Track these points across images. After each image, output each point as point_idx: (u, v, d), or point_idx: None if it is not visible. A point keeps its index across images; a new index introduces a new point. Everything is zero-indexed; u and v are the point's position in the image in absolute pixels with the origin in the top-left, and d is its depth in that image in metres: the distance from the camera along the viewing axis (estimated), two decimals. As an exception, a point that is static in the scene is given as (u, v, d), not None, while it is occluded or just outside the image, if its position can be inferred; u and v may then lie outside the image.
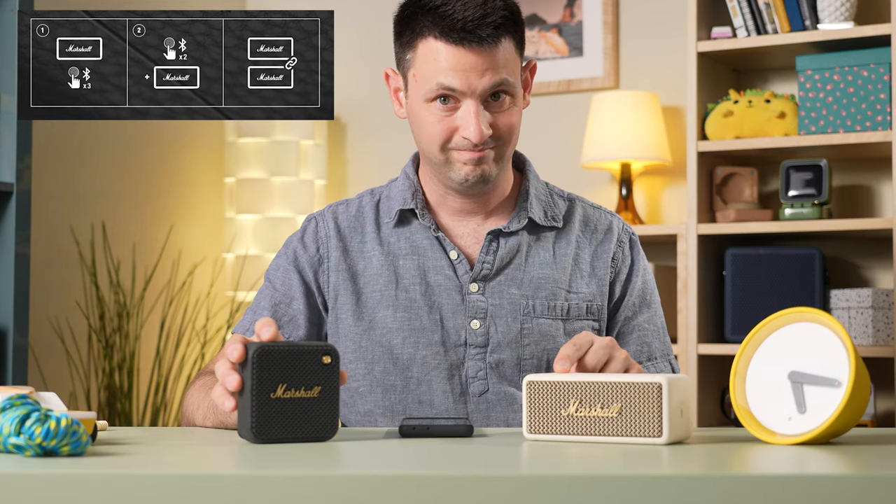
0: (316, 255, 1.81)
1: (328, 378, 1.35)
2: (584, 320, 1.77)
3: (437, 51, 1.68)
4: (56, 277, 3.57)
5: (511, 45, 1.71)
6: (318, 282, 1.80)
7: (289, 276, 1.81)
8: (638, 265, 1.84)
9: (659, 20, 3.77)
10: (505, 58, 1.69)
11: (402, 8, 1.74)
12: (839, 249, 3.49)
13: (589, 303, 1.78)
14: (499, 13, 1.68)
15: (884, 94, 3.22)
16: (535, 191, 1.83)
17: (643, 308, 1.83)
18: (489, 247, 1.77)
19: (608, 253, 1.82)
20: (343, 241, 1.81)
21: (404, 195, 1.80)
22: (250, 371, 1.31)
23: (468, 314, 1.75)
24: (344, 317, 1.77)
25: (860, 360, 1.29)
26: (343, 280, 1.79)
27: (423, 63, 1.70)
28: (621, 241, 1.84)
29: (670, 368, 1.83)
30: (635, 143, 3.55)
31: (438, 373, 1.73)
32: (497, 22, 1.68)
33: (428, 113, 1.72)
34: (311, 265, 1.81)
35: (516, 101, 1.73)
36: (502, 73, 1.69)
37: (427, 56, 1.70)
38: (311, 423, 1.34)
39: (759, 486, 1.06)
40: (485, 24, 1.67)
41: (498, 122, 1.71)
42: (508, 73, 1.70)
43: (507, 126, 1.72)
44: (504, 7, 1.70)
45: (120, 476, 1.09)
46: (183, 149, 4.06)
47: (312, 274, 1.80)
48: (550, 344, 1.75)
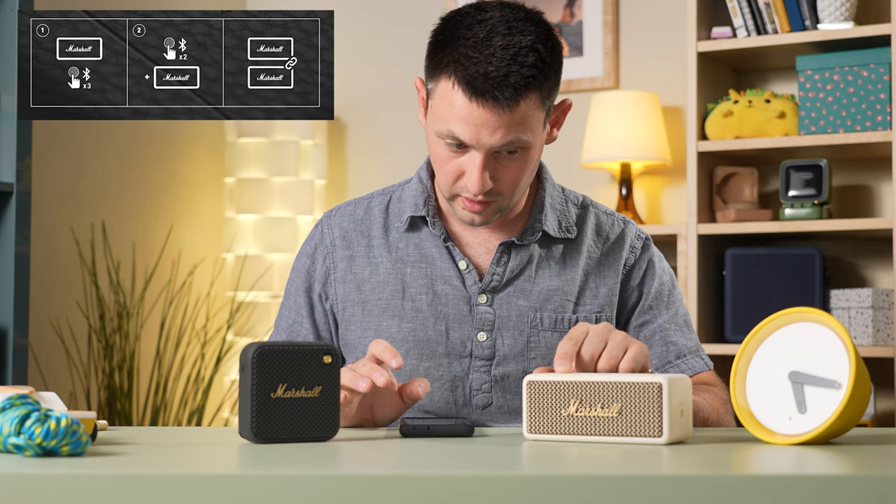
0: (323, 268, 1.81)
1: (329, 378, 1.34)
2: None
3: (454, 96, 1.61)
4: (56, 277, 3.57)
5: (534, 100, 1.62)
6: (327, 293, 1.81)
7: (299, 295, 1.82)
8: (653, 268, 1.81)
9: (659, 20, 3.77)
10: (523, 116, 1.61)
11: (441, 27, 1.66)
12: (839, 249, 3.49)
13: (598, 314, 1.76)
14: (525, 72, 1.59)
15: (884, 94, 3.22)
16: (551, 200, 1.80)
17: (662, 309, 1.79)
18: (500, 258, 1.75)
19: (619, 260, 1.79)
20: (349, 248, 1.80)
21: (416, 201, 1.78)
22: (250, 371, 1.31)
23: (475, 325, 1.73)
24: (353, 327, 1.77)
25: (860, 360, 1.29)
26: (350, 291, 1.78)
27: (440, 102, 1.64)
28: (634, 246, 1.81)
29: (703, 363, 1.78)
30: (635, 143, 3.54)
31: (441, 384, 1.72)
32: (520, 83, 1.59)
33: (438, 148, 1.67)
34: (320, 281, 1.81)
35: (530, 152, 1.66)
36: (516, 133, 1.62)
37: (444, 97, 1.63)
38: (311, 422, 1.34)
39: (759, 486, 1.06)
40: (506, 84, 1.58)
41: (502, 177, 1.66)
42: (523, 130, 1.62)
43: (512, 181, 1.67)
44: (534, 63, 1.60)
45: (120, 476, 1.09)
46: (183, 149, 4.06)
47: (321, 287, 1.81)
48: None
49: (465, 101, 1.60)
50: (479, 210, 1.69)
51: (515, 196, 1.70)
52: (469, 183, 1.65)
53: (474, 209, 1.69)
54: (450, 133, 1.63)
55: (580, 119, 3.77)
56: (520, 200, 1.77)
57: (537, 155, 1.70)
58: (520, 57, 1.59)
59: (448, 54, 1.62)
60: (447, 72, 1.62)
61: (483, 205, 1.68)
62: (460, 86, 1.60)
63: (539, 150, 1.70)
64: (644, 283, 1.80)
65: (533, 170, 1.71)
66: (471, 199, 1.68)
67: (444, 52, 1.63)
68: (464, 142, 1.63)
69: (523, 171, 1.68)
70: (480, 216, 1.70)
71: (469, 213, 1.70)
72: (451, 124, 1.62)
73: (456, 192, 1.69)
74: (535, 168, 1.72)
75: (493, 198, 1.68)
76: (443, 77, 1.63)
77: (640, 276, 1.80)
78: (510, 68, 1.58)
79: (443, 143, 1.66)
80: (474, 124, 1.61)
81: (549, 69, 1.63)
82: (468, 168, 1.65)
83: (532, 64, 1.59)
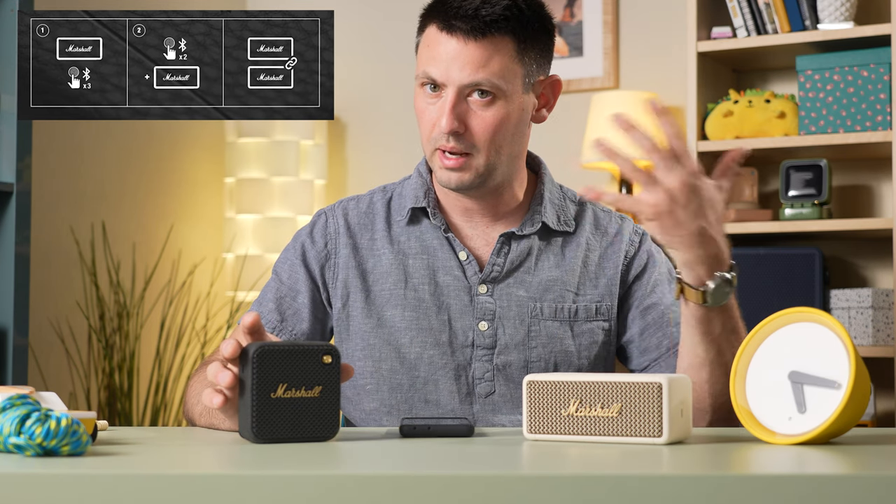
0: (324, 251, 1.80)
1: (329, 378, 1.34)
2: (593, 321, 1.77)
3: (432, 37, 1.70)
4: (56, 277, 3.57)
5: (507, 46, 1.68)
6: (325, 277, 1.80)
7: (295, 269, 1.80)
8: (653, 258, 1.82)
9: (659, 20, 3.77)
10: (491, 56, 1.67)
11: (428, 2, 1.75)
12: (839, 249, 3.49)
13: (598, 303, 1.77)
14: (498, 9, 1.67)
15: (884, 94, 3.22)
16: (550, 194, 1.81)
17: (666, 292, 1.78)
18: (500, 249, 1.76)
19: (619, 254, 1.80)
20: (353, 238, 1.80)
21: (416, 193, 1.80)
22: (250, 371, 1.31)
23: (476, 315, 1.74)
24: (355, 314, 1.77)
25: (860, 360, 1.29)
26: (353, 277, 1.78)
27: (422, 49, 1.72)
28: (633, 240, 1.82)
29: None
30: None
31: (445, 373, 1.73)
32: (489, 18, 1.66)
33: (419, 100, 1.73)
34: (318, 260, 1.80)
35: (504, 105, 1.69)
36: (485, 74, 1.67)
37: (424, 42, 1.72)
38: (311, 422, 1.34)
39: (759, 486, 1.06)
40: (476, 16, 1.66)
41: (474, 126, 1.69)
42: (494, 73, 1.67)
43: (484, 133, 1.68)
44: (509, 6, 1.68)
45: (120, 476, 1.09)
46: (183, 149, 4.06)
47: (319, 269, 1.80)
48: (558, 346, 1.74)
49: (438, 36, 1.68)
50: (453, 165, 1.70)
51: (492, 156, 1.71)
52: (440, 123, 1.68)
53: (449, 164, 1.70)
54: (425, 74, 1.70)
55: (580, 119, 3.77)
56: (511, 181, 1.77)
57: (515, 115, 1.71)
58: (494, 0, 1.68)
59: (432, 6, 1.72)
60: (430, 21, 1.71)
61: (456, 159, 1.69)
62: (437, 25, 1.69)
63: (517, 112, 1.71)
64: (646, 271, 1.80)
65: (513, 134, 1.72)
66: (445, 152, 1.70)
67: (430, 7, 1.72)
68: (436, 79, 1.68)
69: (497, 125, 1.69)
70: (457, 174, 1.71)
71: (446, 172, 1.71)
72: (427, 65, 1.70)
73: (434, 146, 1.71)
74: (517, 135, 1.73)
75: (466, 148, 1.69)
76: (426, 29, 1.72)
77: (641, 266, 1.81)
78: (482, 5, 1.67)
79: (422, 93, 1.71)
80: (445, 59, 1.67)
81: (527, 21, 1.69)
82: (440, 111, 1.69)
83: (505, 6, 1.68)
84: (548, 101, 1.78)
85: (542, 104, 1.77)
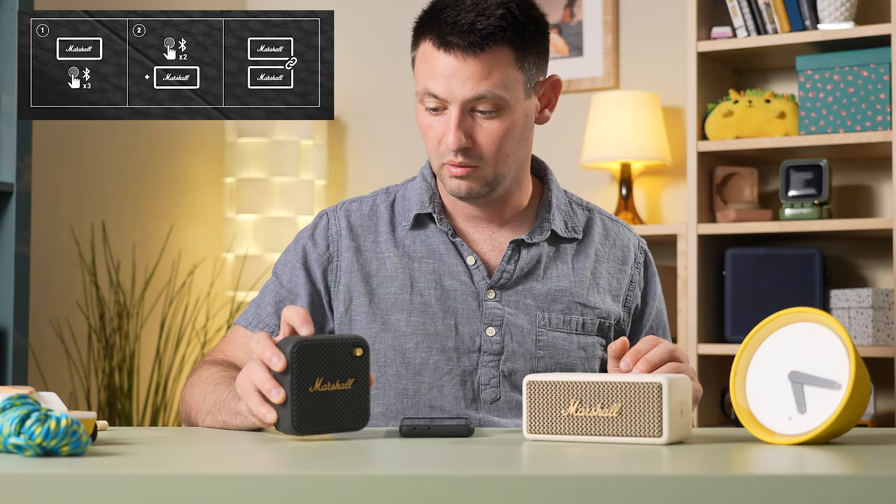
0: (325, 253, 1.79)
1: (360, 369, 1.37)
2: (596, 336, 1.77)
3: (429, 54, 1.67)
4: (56, 277, 3.57)
5: (506, 55, 1.66)
6: (327, 280, 1.78)
7: (295, 272, 1.79)
8: (653, 288, 1.85)
9: (659, 20, 3.77)
10: (492, 68, 1.65)
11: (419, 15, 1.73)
12: (839, 249, 3.49)
13: (603, 320, 1.78)
14: (493, 22, 1.65)
15: (884, 94, 3.22)
16: (557, 200, 1.81)
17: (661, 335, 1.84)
18: (511, 256, 1.75)
19: (626, 274, 1.82)
20: (356, 241, 1.79)
21: (422, 198, 1.78)
22: (290, 366, 1.32)
23: (484, 321, 1.73)
24: (358, 318, 1.76)
25: (860, 360, 1.29)
26: (356, 281, 1.76)
27: (419, 65, 1.70)
28: (638, 261, 1.84)
29: None
30: (635, 143, 3.54)
31: (451, 378, 1.72)
32: (486, 31, 1.64)
33: (422, 116, 1.71)
34: (319, 263, 1.78)
35: (509, 114, 1.68)
36: (486, 85, 1.65)
37: (421, 58, 1.70)
38: (345, 413, 1.36)
39: (759, 486, 1.06)
40: (473, 30, 1.64)
41: (481, 138, 1.68)
42: (496, 85, 1.65)
43: (491, 144, 1.68)
44: (503, 16, 1.65)
45: (120, 476, 1.09)
46: (183, 149, 4.06)
47: (321, 272, 1.78)
48: (564, 358, 1.74)
49: (435, 53, 1.66)
50: (461, 175, 1.69)
51: (500, 166, 1.71)
52: (447, 140, 1.67)
53: (457, 173, 1.69)
54: (426, 90, 1.68)
55: (580, 119, 3.77)
56: (516, 185, 1.77)
57: (520, 123, 1.71)
58: (488, 11, 1.66)
59: (425, 21, 1.70)
60: (425, 36, 1.69)
61: (465, 169, 1.69)
62: (432, 41, 1.67)
63: (522, 119, 1.71)
64: (646, 304, 1.84)
65: (519, 140, 1.71)
66: (453, 164, 1.69)
67: (421, 24, 1.71)
68: (438, 96, 1.67)
69: (504, 136, 1.69)
70: (466, 182, 1.70)
71: (455, 182, 1.71)
72: (427, 82, 1.68)
73: (441, 161, 1.70)
74: (522, 141, 1.72)
75: (474, 161, 1.69)
76: (421, 44, 1.70)
77: (640, 296, 1.84)
78: (477, 18, 1.65)
79: (424, 110, 1.70)
80: (446, 76, 1.66)
81: (523, 28, 1.68)
82: (444, 127, 1.68)
83: (500, 16, 1.65)
84: (549, 102, 1.78)
85: (545, 105, 1.77)
